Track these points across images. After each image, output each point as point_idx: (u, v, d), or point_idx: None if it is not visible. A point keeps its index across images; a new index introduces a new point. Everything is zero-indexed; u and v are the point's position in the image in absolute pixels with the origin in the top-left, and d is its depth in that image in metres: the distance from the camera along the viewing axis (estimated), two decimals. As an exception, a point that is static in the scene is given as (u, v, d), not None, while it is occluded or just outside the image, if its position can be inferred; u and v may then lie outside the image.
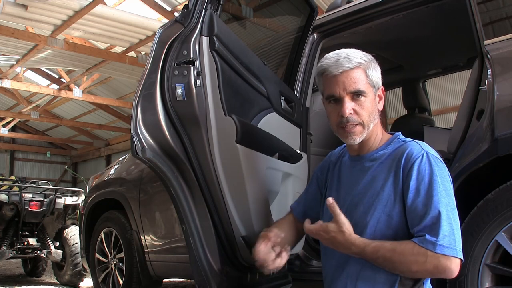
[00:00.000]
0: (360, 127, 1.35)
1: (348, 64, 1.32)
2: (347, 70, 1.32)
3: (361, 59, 1.34)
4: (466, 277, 1.66)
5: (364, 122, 1.34)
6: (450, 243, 1.20)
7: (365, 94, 1.34)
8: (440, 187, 1.25)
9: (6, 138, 15.50)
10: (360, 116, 1.34)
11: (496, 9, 1.97)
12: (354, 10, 2.48)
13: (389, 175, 1.32)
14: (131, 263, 2.81)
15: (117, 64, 8.45)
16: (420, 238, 1.21)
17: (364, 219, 1.33)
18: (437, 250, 1.19)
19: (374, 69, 1.37)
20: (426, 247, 1.20)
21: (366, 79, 1.34)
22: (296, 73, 2.54)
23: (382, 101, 1.41)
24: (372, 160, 1.39)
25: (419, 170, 1.27)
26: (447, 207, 1.23)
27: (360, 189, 1.38)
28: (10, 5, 6.09)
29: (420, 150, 1.31)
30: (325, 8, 3.93)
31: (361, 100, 1.33)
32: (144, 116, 1.67)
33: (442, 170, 1.29)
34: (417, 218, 1.25)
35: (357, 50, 1.37)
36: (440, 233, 1.20)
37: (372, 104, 1.36)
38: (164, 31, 1.75)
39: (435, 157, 1.30)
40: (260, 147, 1.91)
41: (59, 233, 5.27)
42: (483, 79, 1.85)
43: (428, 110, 3.66)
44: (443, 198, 1.24)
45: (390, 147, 1.38)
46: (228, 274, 1.80)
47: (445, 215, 1.21)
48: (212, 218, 1.78)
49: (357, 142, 1.37)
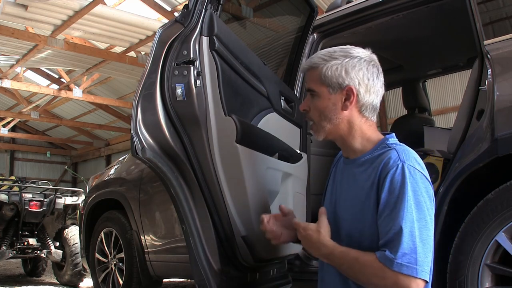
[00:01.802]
0: (314, 125, 1.37)
1: (305, 65, 1.37)
2: (306, 68, 1.36)
3: (320, 58, 1.33)
4: (466, 277, 1.66)
5: (315, 121, 1.36)
6: (410, 262, 1.13)
7: (316, 93, 1.34)
8: (409, 201, 1.17)
9: (6, 138, 15.50)
10: (312, 115, 1.36)
11: (496, 9, 1.97)
12: (354, 10, 2.48)
13: (371, 186, 1.27)
14: (131, 263, 2.81)
15: (117, 64, 8.46)
16: (381, 252, 1.17)
17: (350, 228, 1.31)
18: (394, 268, 1.13)
19: (333, 68, 1.30)
20: (384, 263, 1.14)
21: (319, 79, 1.33)
22: (296, 73, 2.54)
23: (350, 101, 1.30)
24: (360, 166, 1.34)
25: (392, 181, 1.20)
26: (413, 224, 1.15)
27: (349, 194, 1.36)
28: (10, 5, 6.09)
29: (396, 159, 1.22)
30: (325, 8, 3.94)
31: (314, 99, 1.35)
32: (144, 116, 1.67)
33: (417, 182, 1.20)
34: (383, 232, 1.19)
35: (331, 49, 1.34)
36: (400, 251, 1.13)
37: (324, 103, 1.32)
38: (164, 31, 1.75)
39: (412, 168, 1.21)
40: (260, 147, 1.90)
41: (59, 233, 5.27)
42: (483, 79, 1.85)
43: (428, 110, 3.66)
44: (409, 214, 1.16)
45: (376, 152, 1.31)
46: (228, 274, 1.80)
47: (407, 232, 1.14)
48: (212, 218, 1.78)
49: (317, 138, 1.38)
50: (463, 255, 1.69)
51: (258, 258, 1.87)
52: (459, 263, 1.70)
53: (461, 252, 1.70)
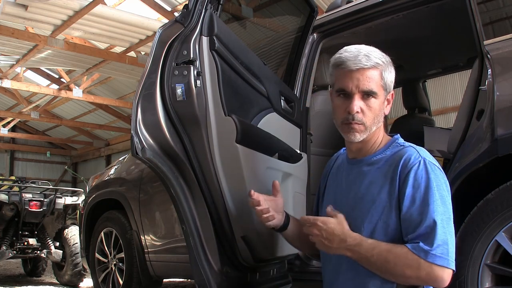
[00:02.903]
0: (363, 127, 1.33)
1: (367, 63, 1.30)
2: (364, 68, 1.31)
3: (380, 59, 1.33)
4: (466, 277, 1.66)
5: (367, 124, 1.33)
6: (443, 253, 1.19)
7: (376, 95, 1.32)
8: (436, 196, 1.23)
9: (6, 138, 15.50)
10: (366, 117, 1.32)
11: (496, 9, 1.97)
12: (354, 10, 2.48)
13: (386, 182, 1.31)
14: (131, 263, 2.81)
15: (117, 64, 8.45)
16: (414, 244, 1.21)
17: (360, 224, 1.32)
18: (429, 259, 1.18)
19: (390, 72, 1.35)
20: (418, 255, 1.19)
21: (380, 81, 1.32)
22: (296, 73, 2.54)
23: (390, 106, 1.39)
24: (370, 165, 1.37)
25: (416, 177, 1.26)
26: (442, 216, 1.22)
27: (357, 194, 1.37)
28: (10, 5, 6.09)
29: (417, 156, 1.29)
30: (325, 8, 3.93)
31: (370, 101, 1.32)
32: (144, 116, 1.67)
33: (439, 177, 1.27)
34: (411, 226, 1.23)
35: (377, 50, 1.35)
36: (435, 243, 1.19)
37: (380, 107, 1.34)
38: (164, 31, 1.75)
39: (432, 164, 1.28)
40: (260, 147, 1.90)
41: (59, 233, 5.27)
42: (483, 79, 1.85)
43: (428, 110, 3.67)
44: (438, 207, 1.22)
45: (388, 151, 1.36)
46: (228, 274, 1.80)
47: (440, 225, 1.20)
48: (212, 218, 1.78)
49: (357, 139, 1.35)
50: (463, 255, 1.69)
51: (258, 258, 1.87)
52: (459, 263, 1.69)
53: (461, 252, 1.70)
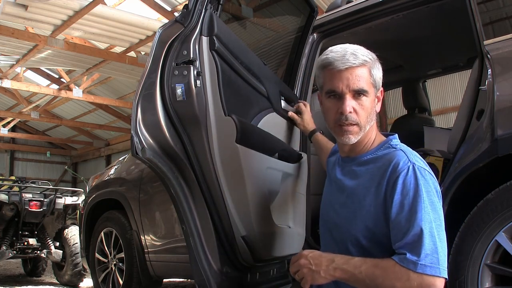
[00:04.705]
0: (357, 128, 1.29)
1: (355, 61, 1.27)
2: (353, 66, 1.27)
3: (367, 57, 1.30)
4: (466, 277, 1.66)
5: (362, 123, 1.29)
6: (433, 262, 1.14)
7: (367, 93, 1.29)
8: (425, 202, 1.19)
9: (6, 138, 15.50)
10: (359, 116, 1.29)
11: (496, 9, 1.96)
12: (354, 10, 2.48)
13: (372, 185, 1.27)
14: (131, 263, 2.81)
15: (117, 64, 8.45)
16: (401, 256, 1.16)
17: (348, 224, 1.32)
18: (419, 269, 1.13)
19: (378, 69, 1.32)
20: (407, 266, 1.14)
21: (369, 78, 1.29)
22: (296, 73, 2.54)
23: (380, 103, 1.36)
24: (360, 165, 1.34)
25: (404, 183, 1.21)
26: (431, 224, 1.17)
27: (347, 192, 1.36)
28: (10, 5, 6.09)
29: (406, 161, 1.24)
30: (325, 8, 3.93)
31: (362, 100, 1.29)
32: (144, 116, 1.67)
33: (428, 183, 1.22)
34: (399, 234, 1.19)
35: (362, 48, 1.32)
36: (422, 252, 1.14)
37: (371, 104, 1.31)
38: (164, 31, 1.75)
39: (422, 169, 1.23)
40: (260, 147, 1.90)
41: (59, 233, 5.27)
42: (483, 79, 1.85)
43: (428, 110, 3.66)
44: (427, 215, 1.17)
45: (380, 152, 1.32)
46: (228, 274, 1.80)
47: (428, 233, 1.16)
48: (212, 218, 1.78)
49: (352, 142, 1.32)
50: (463, 255, 1.69)
51: (258, 258, 1.87)
52: (459, 263, 1.70)
53: (461, 252, 1.70)
